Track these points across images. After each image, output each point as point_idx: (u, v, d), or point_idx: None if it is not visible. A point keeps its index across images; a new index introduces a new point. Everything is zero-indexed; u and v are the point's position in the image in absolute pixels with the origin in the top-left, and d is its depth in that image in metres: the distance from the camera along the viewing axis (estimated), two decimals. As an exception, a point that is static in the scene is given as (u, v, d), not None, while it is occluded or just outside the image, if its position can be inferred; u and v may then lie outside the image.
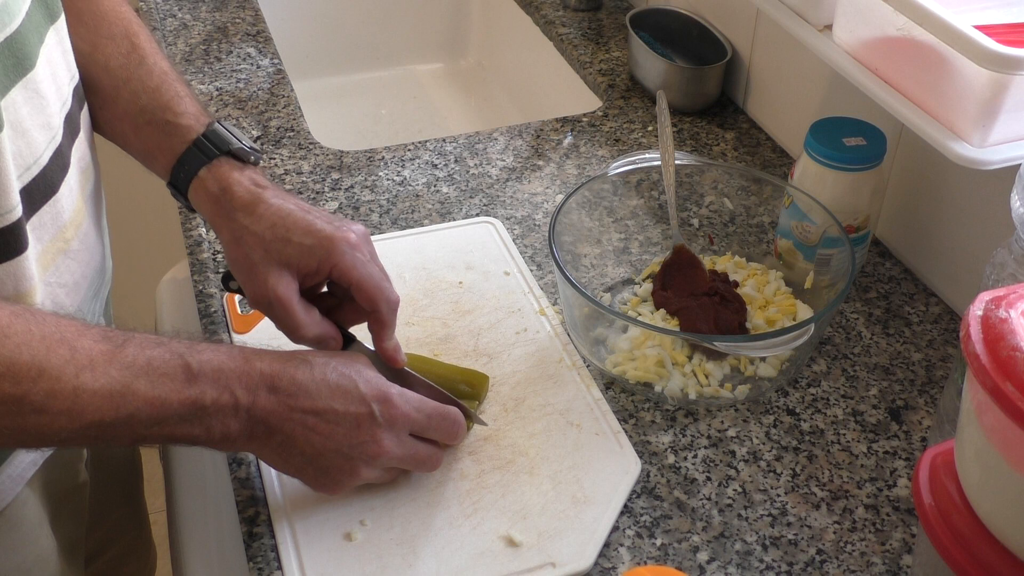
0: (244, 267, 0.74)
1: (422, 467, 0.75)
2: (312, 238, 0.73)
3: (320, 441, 0.69)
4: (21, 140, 0.69)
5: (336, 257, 0.73)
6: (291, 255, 0.73)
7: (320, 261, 0.73)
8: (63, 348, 0.61)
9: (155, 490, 1.11)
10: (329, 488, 0.72)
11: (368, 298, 0.74)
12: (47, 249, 0.74)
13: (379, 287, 0.74)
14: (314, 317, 0.74)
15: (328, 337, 0.75)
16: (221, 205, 0.76)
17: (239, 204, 0.75)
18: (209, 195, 0.77)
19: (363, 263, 0.74)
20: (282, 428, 0.68)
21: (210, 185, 0.76)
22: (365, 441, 0.70)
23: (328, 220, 0.75)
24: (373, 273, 0.74)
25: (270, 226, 0.74)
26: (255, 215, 0.74)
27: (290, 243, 0.73)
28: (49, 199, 0.73)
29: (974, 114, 0.75)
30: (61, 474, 0.84)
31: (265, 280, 0.73)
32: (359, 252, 0.74)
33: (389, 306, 0.75)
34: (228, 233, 0.75)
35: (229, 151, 0.77)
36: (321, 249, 0.73)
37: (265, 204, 0.75)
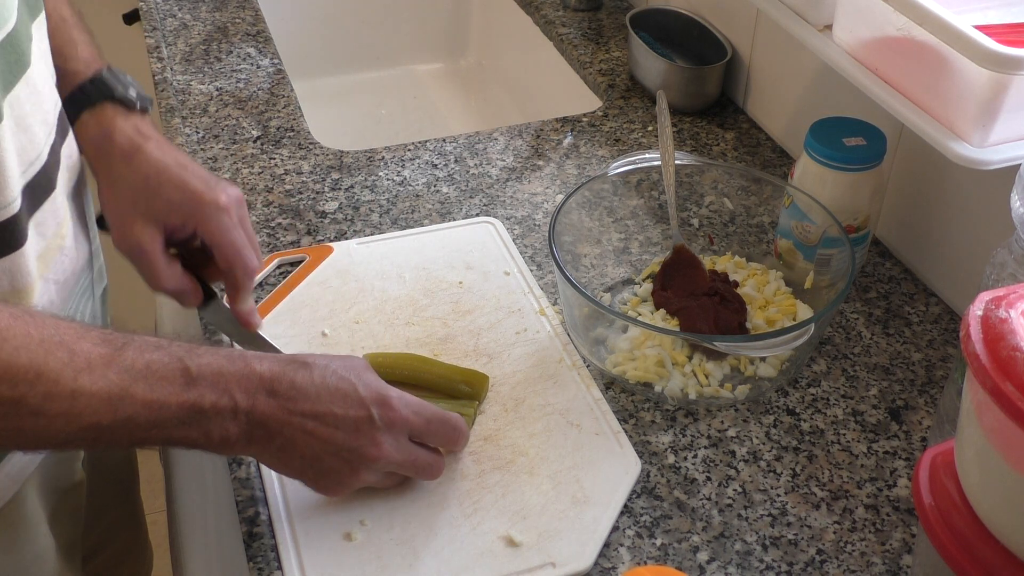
0: (114, 213, 0.78)
1: (422, 474, 0.74)
2: (181, 195, 0.76)
3: (319, 445, 0.69)
4: (24, 136, 0.69)
5: (201, 217, 0.77)
6: (159, 209, 0.76)
7: (185, 218, 0.77)
8: (62, 351, 0.61)
9: (155, 490, 1.11)
10: (329, 490, 0.72)
11: (225, 261, 0.78)
12: (49, 246, 0.74)
13: (238, 252, 0.78)
14: (175, 270, 0.78)
15: (186, 291, 0.79)
16: (101, 150, 0.78)
17: (117, 151, 0.78)
18: (90, 139, 0.79)
19: (227, 227, 0.77)
20: (281, 432, 0.68)
21: (91, 129, 0.79)
22: (364, 444, 0.70)
23: (203, 180, 0.78)
24: (235, 239, 0.78)
25: (143, 177, 0.77)
26: (131, 165, 0.77)
27: (159, 197, 0.76)
28: (49, 195, 0.73)
29: (974, 114, 0.75)
30: (58, 472, 0.84)
31: (131, 229, 0.76)
32: (226, 216, 0.77)
33: (245, 271, 0.79)
34: (104, 179, 0.78)
35: (113, 97, 0.79)
36: (188, 207, 0.77)
37: (143, 155, 0.77)
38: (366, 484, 0.73)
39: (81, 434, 0.62)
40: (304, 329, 0.89)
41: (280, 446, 0.68)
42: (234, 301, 0.80)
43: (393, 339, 0.89)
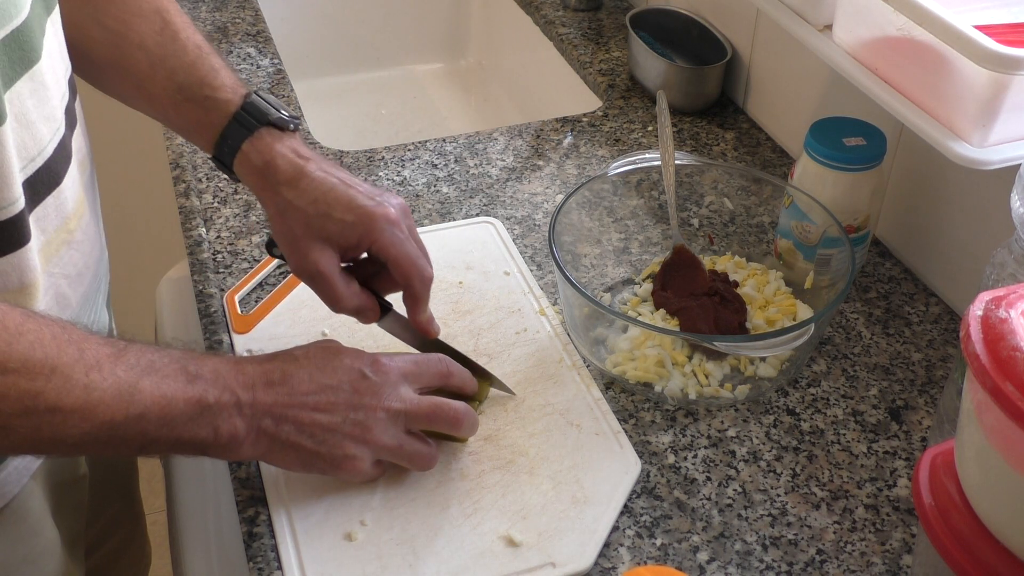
0: (288, 240, 0.77)
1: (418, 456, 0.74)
2: (353, 215, 0.76)
3: (326, 418, 0.70)
4: (26, 132, 0.69)
5: (375, 234, 0.76)
6: (332, 231, 0.76)
7: (360, 237, 0.76)
8: (72, 348, 0.62)
9: (155, 490, 1.11)
10: (346, 466, 0.72)
11: (403, 274, 0.78)
12: (51, 240, 0.74)
13: (414, 264, 0.78)
14: (353, 289, 0.78)
15: (366, 308, 0.79)
16: (265, 178, 0.78)
17: (283, 178, 0.77)
18: (253, 168, 0.78)
19: (400, 241, 0.77)
20: (287, 416, 0.69)
21: (254, 159, 0.78)
22: (367, 399, 0.71)
23: (369, 195, 0.77)
24: (409, 251, 0.77)
25: (312, 201, 0.76)
26: (298, 189, 0.76)
27: (332, 219, 0.76)
28: (53, 190, 0.73)
29: (974, 114, 0.75)
30: (63, 466, 0.85)
31: (307, 254, 0.76)
32: (398, 229, 0.77)
33: (423, 283, 0.78)
34: (273, 207, 0.78)
35: (269, 122, 0.79)
36: (361, 226, 0.76)
37: (308, 178, 0.77)
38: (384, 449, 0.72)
39: (96, 432, 0.63)
40: (304, 329, 0.89)
41: (288, 433, 0.70)
42: (414, 313, 0.80)
43: (393, 339, 0.89)
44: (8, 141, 0.67)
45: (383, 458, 0.74)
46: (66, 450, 0.70)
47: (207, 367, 0.68)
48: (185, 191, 1.07)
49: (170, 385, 0.65)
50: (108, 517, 1.01)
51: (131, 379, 0.64)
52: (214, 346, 0.89)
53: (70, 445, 0.64)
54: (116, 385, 0.63)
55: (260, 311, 0.91)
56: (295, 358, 0.72)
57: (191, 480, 0.92)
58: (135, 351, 0.65)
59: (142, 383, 0.64)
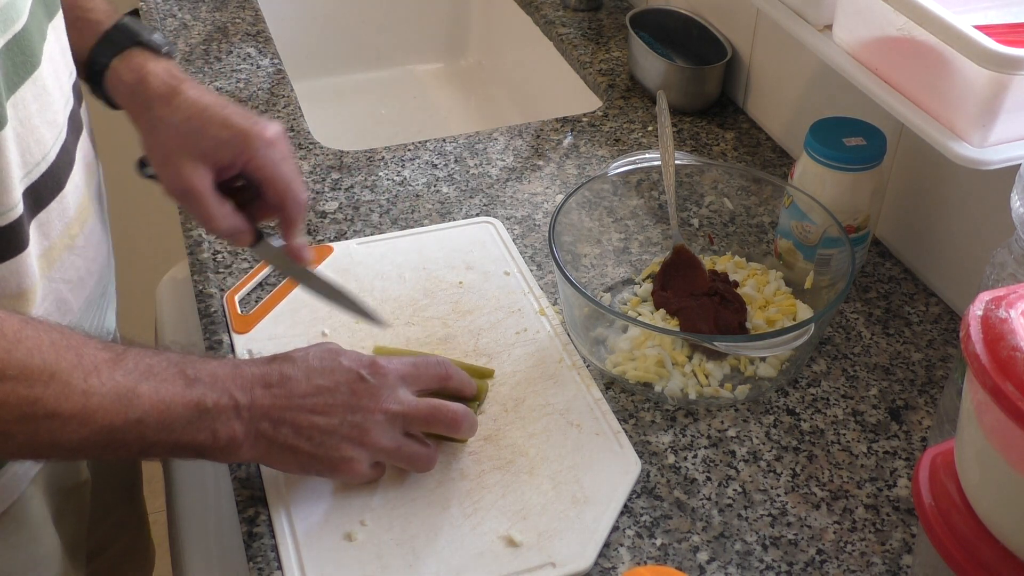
0: (159, 157, 0.76)
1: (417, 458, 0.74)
2: (228, 132, 0.75)
3: (324, 420, 0.70)
4: (30, 137, 0.69)
5: (250, 152, 0.75)
6: (206, 147, 0.75)
7: (234, 155, 0.75)
8: (70, 354, 0.62)
9: (155, 490, 1.11)
10: (344, 468, 0.72)
11: (277, 195, 0.77)
12: (53, 246, 0.74)
13: (289, 185, 0.77)
14: (227, 210, 0.77)
15: (240, 230, 0.78)
16: (137, 95, 0.77)
17: (155, 94, 0.76)
18: (124, 84, 0.78)
19: (276, 160, 0.76)
20: (285, 418, 0.69)
21: (124, 75, 0.78)
22: (364, 401, 0.71)
23: (244, 116, 0.76)
24: (285, 171, 0.77)
25: (186, 118, 0.75)
26: (171, 106, 0.75)
27: (205, 136, 0.75)
28: (56, 196, 0.73)
29: (974, 114, 0.75)
30: (64, 472, 0.85)
31: (180, 171, 0.75)
32: (273, 149, 0.76)
33: (296, 204, 0.78)
34: (145, 123, 0.77)
35: (139, 41, 0.78)
36: (236, 143, 0.75)
37: (182, 96, 0.76)
38: (382, 451, 0.72)
39: (94, 437, 0.63)
40: (304, 329, 0.89)
41: (287, 434, 0.69)
42: (288, 235, 0.79)
43: (393, 339, 0.89)
44: (8, 147, 0.66)
45: (381, 460, 0.74)
46: (65, 455, 0.70)
47: (205, 371, 0.68)
48: (185, 191, 1.07)
49: (168, 389, 0.65)
50: (111, 522, 1.01)
51: (130, 384, 0.64)
52: (214, 346, 0.89)
53: (69, 450, 0.64)
54: (115, 390, 0.63)
55: (260, 311, 0.91)
56: (293, 360, 0.72)
57: (191, 480, 0.92)
58: (133, 355, 0.65)
59: (140, 387, 0.64)
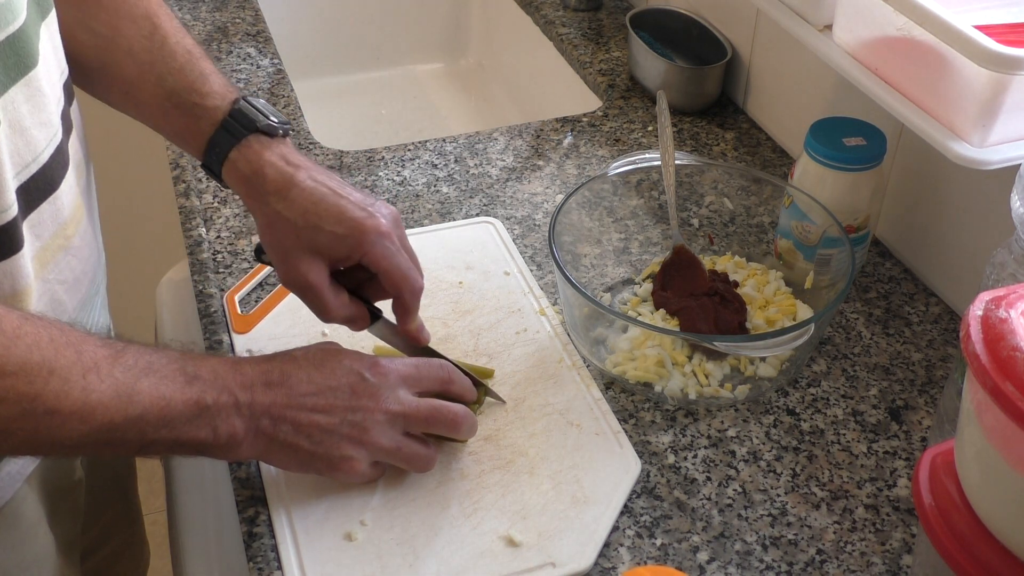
0: (277, 251, 0.77)
1: (416, 458, 0.74)
2: (343, 227, 0.75)
3: (324, 419, 0.70)
4: (20, 138, 0.69)
5: (366, 247, 0.75)
6: (322, 243, 0.75)
7: (350, 250, 0.75)
8: (70, 351, 0.62)
9: (155, 490, 1.11)
10: (343, 467, 0.72)
11: (393, 286, 0.77)
12: (47, 246, 0.74)
13: (404, 276, 0.77)
14: (343, 300, 0.77)
15: (356, 317, 0.78)
16: (254, 187, 0.77)
17: (271, 188, 0.76)
18: (241, 177, 0.77)
19: (391, 253, 0.76)
20: (285, 416, 0.69)
21: (242, 167, 0.77)
22: (365, 402, 0.71)
23: (360, 205, 0.76)
24: (400, 263, 0.76)
25: (302, 212, 0.75)
26: (287, 200, 0.75)
27: (321, 231, 0.75)
28: (48, 196, 0.73)
29: (974, 114, 0.75)
30: (58, 471, 0.84)
31: (297, 267, 0.75)
32: (388, 240, 0.76)
33: (412, 294, 0.78)
34: (262, 217, 0.77)
35: (257, 129, 0.78)
36: (351, 239, 0.75)
37: (298, 188, 0.75)
38: (382, 451, 0.72)
39: (94, 434, 0.63)
40: (304, 329, 0.89)
41: (287, 432, 0.69)
42: (403, 322, 0.79)
43: (393, 339, 0.89)
44: (1, 148, 0.66)
45: (381, 460, 0.74)
46: (65, 451, 0.69)
47: (205, 368, 0.68)
48: (185, 191, 1.07)
49: (168, 386, 0.65)
50: (105, 521, 1.00)
51: (129, 380, 0.63)
52: (214, 346, 0.89)
53: (69, 446, 0.64)
54: (114, 387, 0.63)
55: (260, 311, 0.91)
56: (294, 359, 0.72)
57: (191, 480, 0.92)
58: (133, 352, 0.65)
59: (140, 384, 0.64)
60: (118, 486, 1.04)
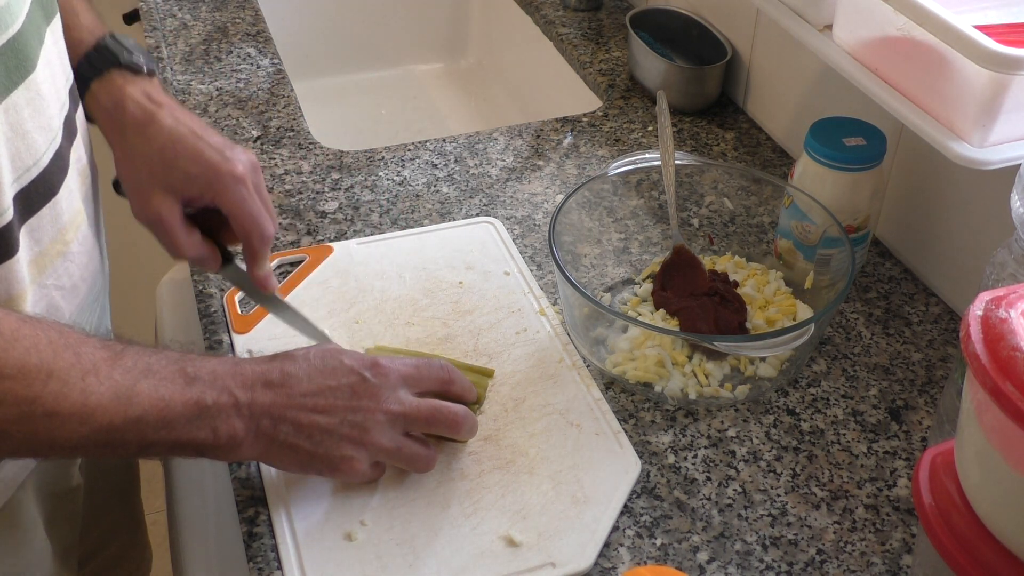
0: (131, 184, 0.78)
1: (416, 458, 0.74)
2: (198, 167, 0.77)
3: (324, 419, 0.70)
4: (21, 142, 0.69)
5: (218, 188, 0.77)
6: (175, 181, 0.77)
7: (202, 189, 0.77)
8: (68, 353, 0.62)
9: (155, 490, 1.11)
10: (344, 468, 0.72)
11: (243, 230, 0.79)
12: (45, 252, 0.74)
13: (254, 221, 0.79)
14: (195, 239, 0.79)
15: (206, 257, 0.81)
16: (113, 120, 0.78)
17: (130, 121, 0.78)
18: (102, 109, 0.79)
19: (242, 196, 0.78)
20: (285, 416, 0.69)
21: (102, 99, 0.79)
22: (365, 403, 0.71)
23: (218, 148, 0.78)
24: (251, 208, 0.78)
25: (159, 149, 0.77)
26: (145, 136, 0.77)
27: (176, 169, 0.77)
28: (48, 201, 0.73)
29: (974, 114, 0.75)
30: (55, 477, 0.84)
31: (149, 201, 0.77)
32: (242, 185, 0.78)
33: (261, 239, 0.80)
34: (119, 150, 0.78)
35: (120, 63, 0.79)
36: (204, 179, 0.77)
37: (157, 125, 0.77)
38: (382, 451, 0.72)
39: (94, 436, 0.62)
40: (304, 329, 0.89)
41: (287, 433, 0.69)
42: (251, 267, 0.81)
43: (393, 339, 0.89)
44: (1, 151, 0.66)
45: (381, 460, 0.73)
46: (64, 453, 0.69)
47: (205, 368, 0.68)
48: (185, 191, 1.07)
49: (168, 388, 0.65)
50: (105, 526, 1.00)
51: (128, 382, 0.63)
52: (214, 346, 0.89)
53: (68, 448, 0.64)
54: (113, 388, 0.63)
55: (260, 311, 0.91)
56: (294, 359, 0.72)
57: (191, 480, 0.92)
58: (132, 354, 0.65)
59: (139, 386, 0.64)
60: (118, 492, 1.04)
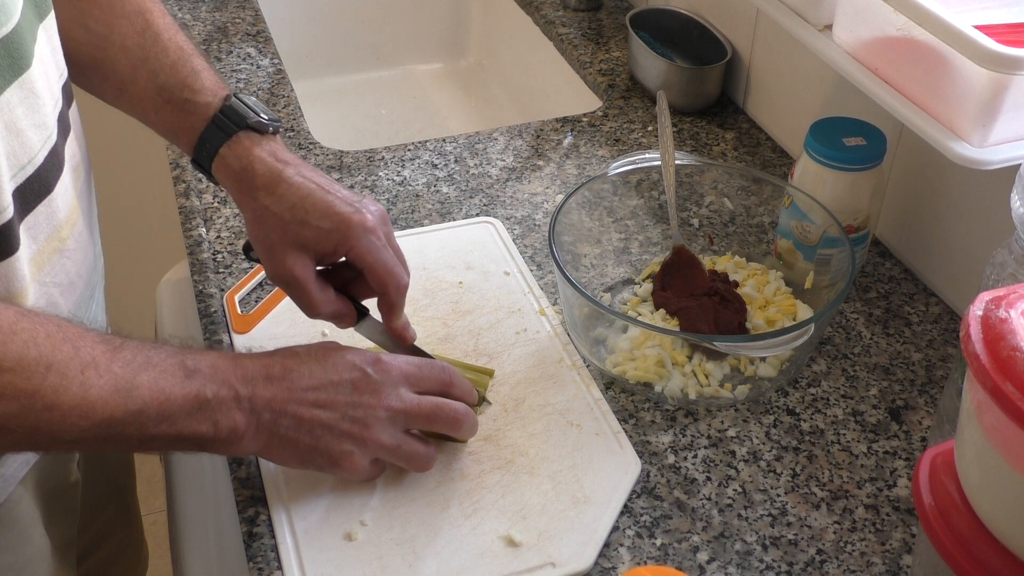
0: (264, 245, 0.77)
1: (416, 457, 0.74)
2: (330, 222, 0.75)
3: (325, 415, 0.70)
4: (15, 140, 0.69)
5: (352, 241, 0.76)
6: (309, 237, 0.75)
7: (336, 244, 0.76)
8: (67, 346, 0.62)
9: (155, 490, 1.11)
10: (346, 463, 0.72)
11: (378, 282, 0.77)
12: (42, 249, 0.74)
13: (390, 273, 0.77)
14: (329, 296, 0.78)
15: (342, 313, 0.79)
16: (243, 183, 0.77)
17: (260, 183, 0.77)
18: (231, 172, 0.78)
19: (376, 248, 0.77)
20: (286, 411, 0.69)
21: (231, 163, 0.78)
22: (367, 399, 0.71)
23: (348, 201, 0.77)
24: (386, 259, 0.77)
25: (290, 207, 0.76)
26: (275, 195, 0.76)
27: (308, 226, 0.75)
28: (44, 198, 0.73)
29: (974, 114, 0.75)
30: (54, 473, 0.84)
31: (283, 261, 0.76)
32: (374, 236, 0.77)
33: (398, 291, 0.78)
34: (250, 212, 0.77)
35: (248, 125, 0.78)
36: (338, 233, 0.75)
37: (286, 184, 0.76)
38: (382, 448, 0.72)
39: (94, 431, 0.63)
40: (304, 329, 0.89)
41: (288, 427, 0.69)
42: (389, 319, 0.80)
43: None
44: None
45: (381, 457, 0.73)
46: (65, 447, 0.69)
47: (205, 362, 0.68)
48: (185, 191, 1.07)
49: (168, 381, 0.65)
50: (102, 523, 1.00)
51: (128, 375, 0.63)
52: (214, 346, 0.89)
53: (69, 442, 0.64)
54: (113, 382, 0.63)
55: (260, 311, 0.91)
56: (296, 354, 0.72)
57: (191, 480, 0.92)
58: (131, 347, 0.65)
59: (139, 379, 0.64)
60: (115, 488, 1.04)
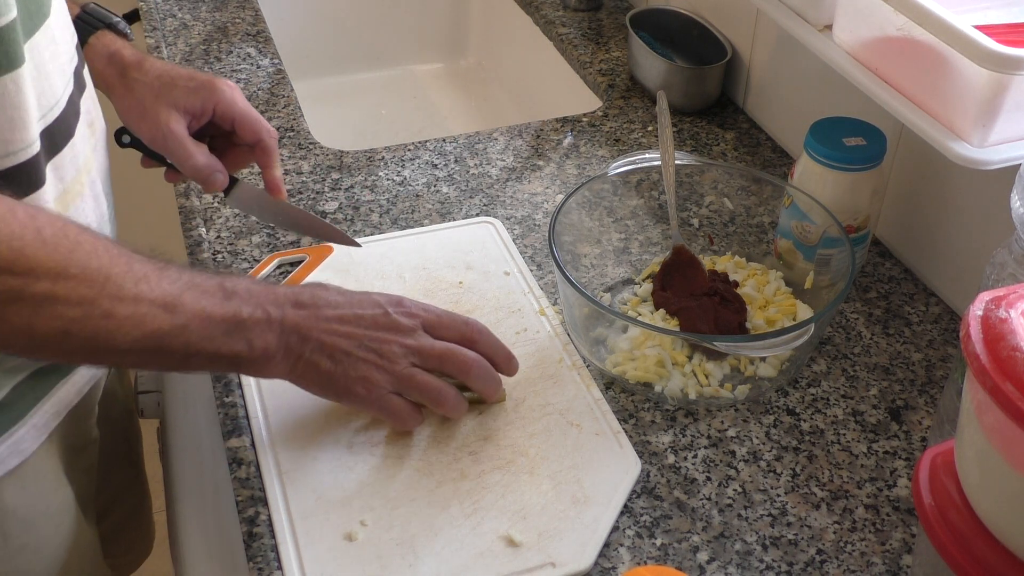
0: (137, 113, 0.87)
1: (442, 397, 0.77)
2: (195, 82, 0.87)
3: (346, 342, 0.75)
4: (45, 82, 0.74)
5: (218, 96, 0.87)
6: (178, 96, 0.86)
7: (204, 100, 0.87)
8: (122, 260, 0.67)
9: (155, 490, 1.11)
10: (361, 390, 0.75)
11: (251, 130, 0.88)
12: (68, 190, 0.78)
13: (259, 119, 0.88)
14: (203, 149, 0.87)
15: (216, 169, 0.87)
16: (112, 64, 0.88)
17: (129, 62, 0.88)
18: (100, 57, 0.88)
19: (241, 100, 0.88)
20: (311, 335, 0.74)
21: (99, 49, 0.89)
22: (382, 335, 0.76)
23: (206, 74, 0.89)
24: (251, 108, 0.89)
25: (157, 75, 0.87)
26: (143, 70, 0.88)
27: (176, 87, 0.86)
28: (68, 141, 0.78)
29: (974, 114, 0.75)
30: (76, 428, 0.88)
31: (157, 118, 0.86)
32: (237, 94, 0.89)
33: (270, 135, 0.89)
34: (120, 87, 0.88)
35: (110, 25, 0.90)
36: (204, 90, 0.87)
37: (150, 61, 0.89)
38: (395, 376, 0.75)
39: (144, 341, 0.67)
40: (304, 329, 0.89)
41: (312, 350, 0.74)
42: (268, 168, 0.88)
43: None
44: (26, 85, 0.70)
45: (395, 387, 0.76)
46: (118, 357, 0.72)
47: (242, 286, 0.73)
48: (185, 191, 1.07)
49: (209, 300, 0.70)
50: (115, 484, 1.03)
51: (175, 291, 0.68)
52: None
53: (122, 351, 0.67)
54: (162, 296, 0.67)
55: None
56: (326, 287, 0.77)
57: (191, 480, 0.92)
58: (176, 268, 0.70)
59: (184, 297, 0.68)
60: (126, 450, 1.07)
